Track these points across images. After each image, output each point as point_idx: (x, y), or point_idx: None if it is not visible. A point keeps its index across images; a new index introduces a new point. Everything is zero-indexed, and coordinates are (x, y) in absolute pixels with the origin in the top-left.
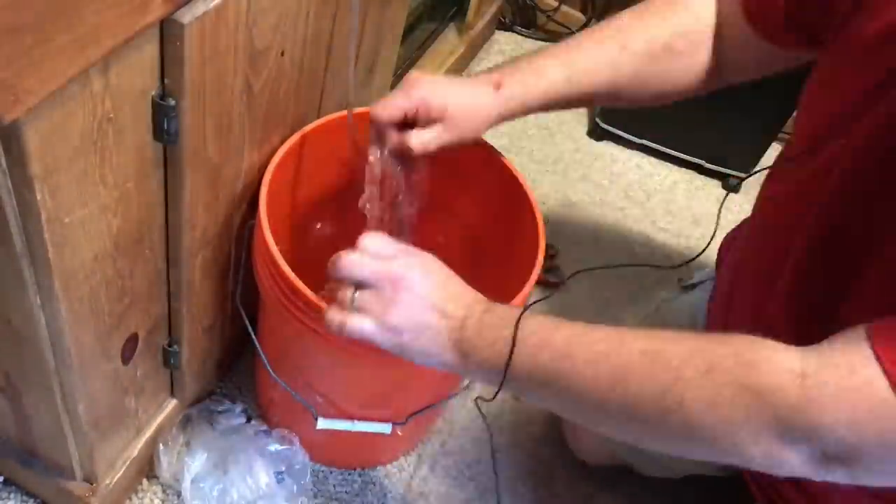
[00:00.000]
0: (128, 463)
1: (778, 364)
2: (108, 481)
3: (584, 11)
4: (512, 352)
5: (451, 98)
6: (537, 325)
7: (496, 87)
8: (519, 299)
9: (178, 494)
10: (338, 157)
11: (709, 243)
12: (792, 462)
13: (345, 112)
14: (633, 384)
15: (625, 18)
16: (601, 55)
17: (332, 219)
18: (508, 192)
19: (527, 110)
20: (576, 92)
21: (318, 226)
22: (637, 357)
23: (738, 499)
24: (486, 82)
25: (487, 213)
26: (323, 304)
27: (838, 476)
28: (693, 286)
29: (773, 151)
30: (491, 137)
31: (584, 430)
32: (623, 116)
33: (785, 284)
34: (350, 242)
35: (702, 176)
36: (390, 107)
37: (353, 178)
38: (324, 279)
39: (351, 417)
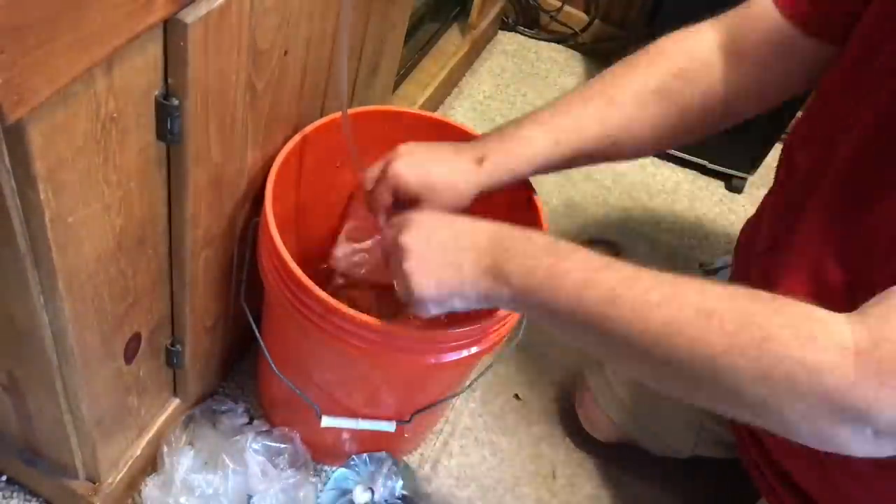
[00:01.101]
0: (130, 462)
1: (832, 340)
2: (110, 480)
3: (586, 12)
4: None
5: (431, 177)
6: (580, 258)
7: (478, 163)
8: None
9: (179, 493)
10: (340, 156)
11: None
12: (841, 439)
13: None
14: (684, 342)
15: (613, 71)
16: (588, 112)
17: (334, 217)
18: (512, 191)
19: (514, 178)
20: (567, 154)
21: (321, 224)
22: (691, 314)
23: (744, 482)
24: (469, 158)
25: (490, 212)
26: (330, 300)
27: (888, 451)
28: (715, 271)
29: (775, 152)
30: None
31: (595, 408)
32: None
33: (796, 256)
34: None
35: (705, 176)
36: (371, 185)
37: (354, 177)
38: (325, 277)
39: (355, 416)
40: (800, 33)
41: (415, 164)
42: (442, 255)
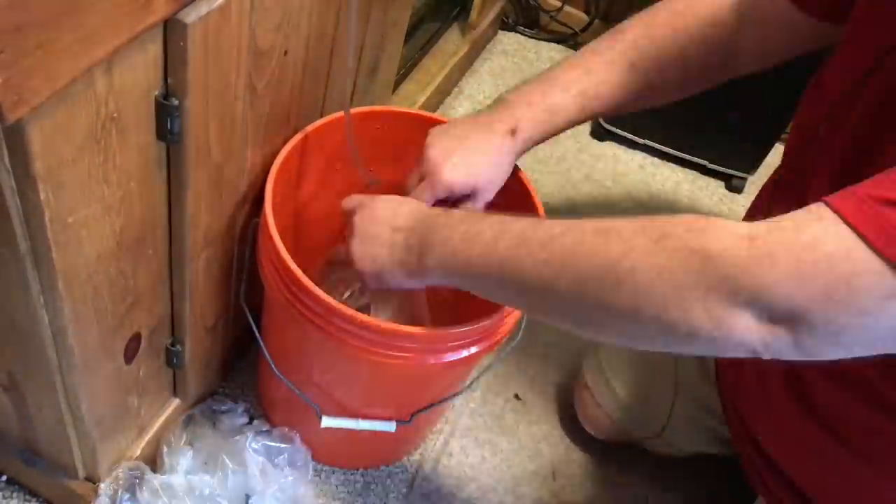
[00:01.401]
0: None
1: (727, 229)
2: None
3: (587, 12)
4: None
5: (475, 176)
6: (494, 219)
7: (511, 134)
8: None
9: (179, 493)
10: (340, 156)
11: None
12: (739, 328)
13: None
14: (584, 258)
15: (635, 30)
16: (613, 78)
17: (334, 217)
18: (512, 191)
19: (543, 140)
20: (588, 117)
21: (321, 225)
22: (590, 235)
23: (744, 482)
24: (502, 131)
25: (490, 212)
26: (329, 300)
27: (786, 348)
28: None
29: (775, 152)
30: None
31: (595, 408)
32: (626, 117)
33: None
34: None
35: (705, 176)
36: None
37: (355, 176)
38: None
39: (355, 416)
40: (793, 6)
41: (458, 164)
42: (379, 235)
